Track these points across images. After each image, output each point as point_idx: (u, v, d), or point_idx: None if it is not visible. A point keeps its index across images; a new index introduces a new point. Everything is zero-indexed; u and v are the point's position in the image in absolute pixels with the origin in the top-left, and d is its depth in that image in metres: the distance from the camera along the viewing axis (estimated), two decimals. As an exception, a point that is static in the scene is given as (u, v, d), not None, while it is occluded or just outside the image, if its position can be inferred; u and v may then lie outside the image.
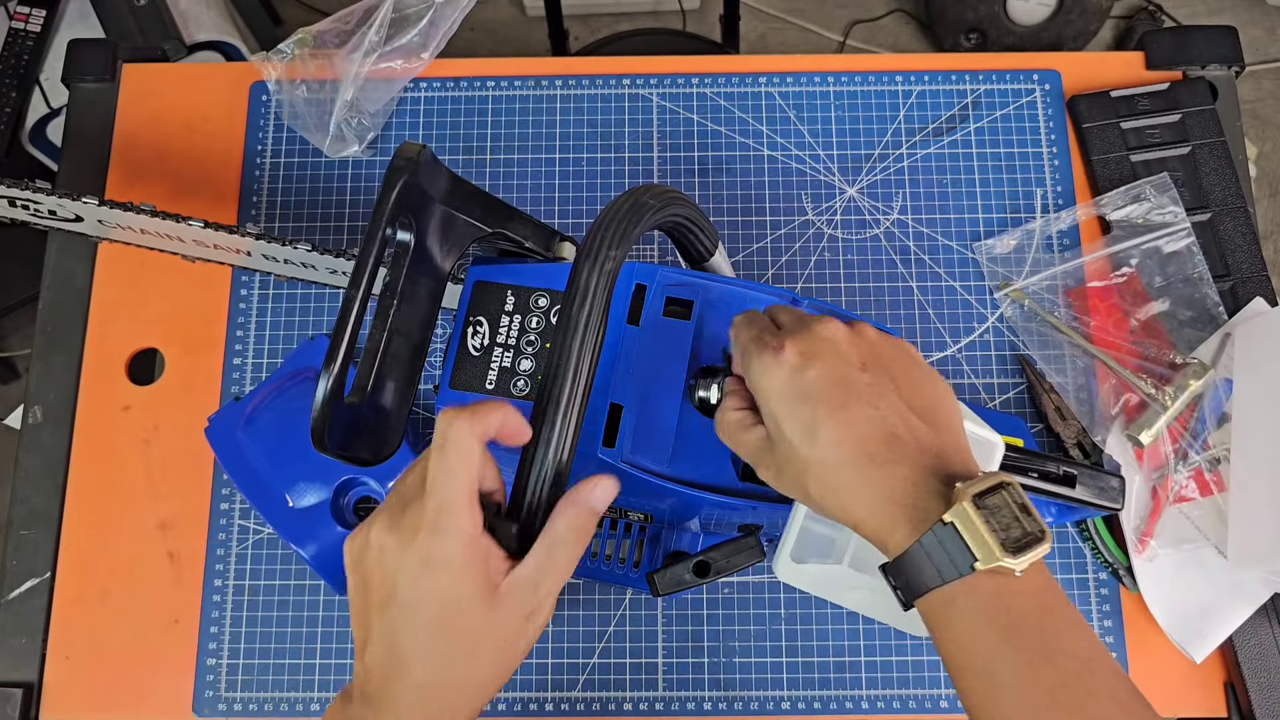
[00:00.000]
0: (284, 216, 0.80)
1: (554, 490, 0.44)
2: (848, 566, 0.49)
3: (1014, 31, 1.73)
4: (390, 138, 0.82)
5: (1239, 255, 0.77)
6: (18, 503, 0.74)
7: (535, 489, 0.43)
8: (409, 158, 0.47)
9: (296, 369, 0.72)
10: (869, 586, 0.49)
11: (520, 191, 0.80)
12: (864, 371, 0.44)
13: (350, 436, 0.46)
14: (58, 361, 0.77)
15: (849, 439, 0.42)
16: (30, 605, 0.71)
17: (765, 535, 0.61)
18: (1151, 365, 0.73)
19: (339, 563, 0.67)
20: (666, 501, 0.55)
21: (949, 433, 0.44)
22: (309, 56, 0.80)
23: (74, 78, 0.83)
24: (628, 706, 0.69)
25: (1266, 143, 1.79)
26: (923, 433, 0.42)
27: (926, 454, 0.42)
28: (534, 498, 0.43)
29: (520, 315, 0.54)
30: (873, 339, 0.46)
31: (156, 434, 0.75)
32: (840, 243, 0.79)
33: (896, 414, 0.42)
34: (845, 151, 0.81)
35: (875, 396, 0.43)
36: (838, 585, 0.50)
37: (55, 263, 0.79)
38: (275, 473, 0.67)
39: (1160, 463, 0.71)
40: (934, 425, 0.43)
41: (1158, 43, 0.82)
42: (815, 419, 0.42)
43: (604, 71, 0.83)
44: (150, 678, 0.70)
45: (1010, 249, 0.78)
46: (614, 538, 0.64)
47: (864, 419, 0.42)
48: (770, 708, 0.69)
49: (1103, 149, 0.79)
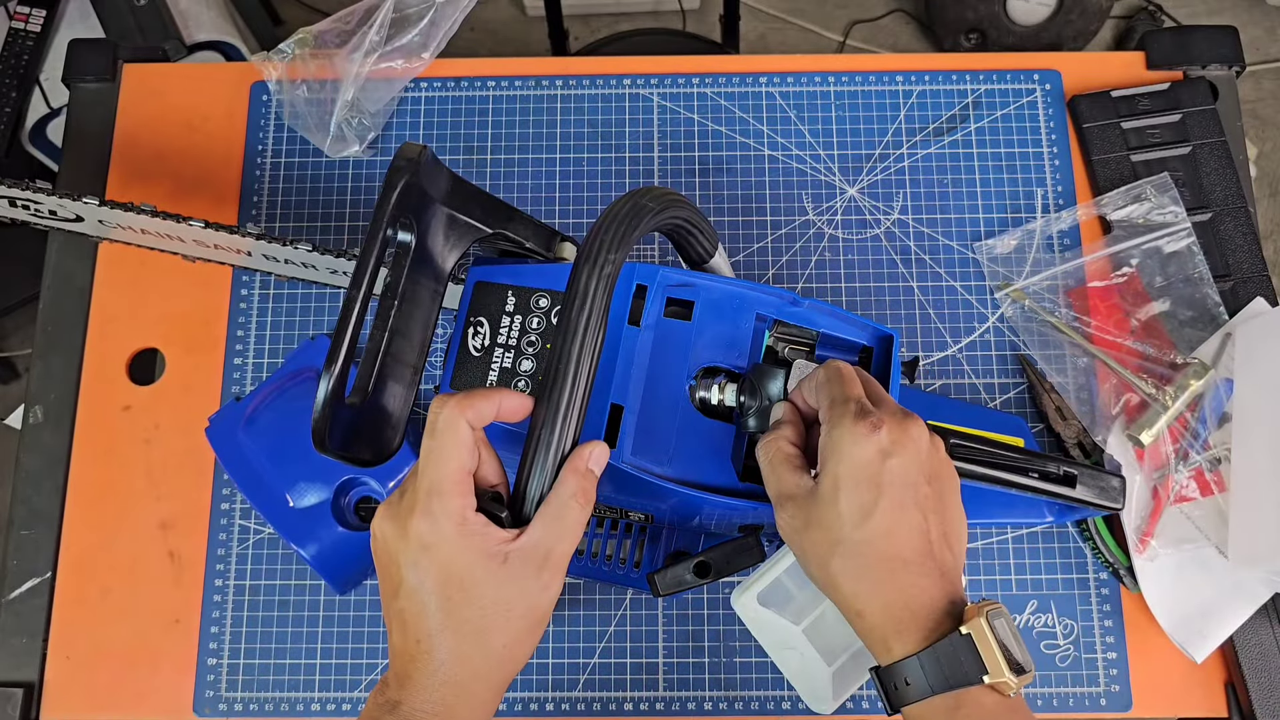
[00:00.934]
0: (284, 216, 0.80)
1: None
2: (801, 630, 0.52)
3: (1014, 31, 1.73)
4: (391, 138, 0.82)
5: (1239, 255, 0.77)
6: (18, 502, 0.74)
7: (538, 487, 0.44)
8: (410, 158, 0.47)
9: (297, 369, 0.72)
10: (804, 655, 0.53)
11: (520, 191, 0.80)
12: (928, 484, 0.46)
13: (351, 437, 0.46)
14: (58, 361, 0.77)
15: (895, 538, 0.45)
16: (31, 605, 0.71)
17: (765, 535, 0.61)
18: (1152, 365, 0.73)
19: (339, 563, 0.67)
20: (667, 502, 0.55)
21: (961, 560, 0.48)
22: (309, 56, 0.80)
23: (74, 78, 0.83)
24: (628, 707, 0.69)
25: (1267, 143, 1.79)
26: (948, 556, 0.46)
27: (946, 576, 0.45)
28: (537, 494, 0.44)
29: (521, 316, 0.54)
30: (942, 457, 0.49)
31: (157, 434, 0.75)
32: (841, 243, 0.79)
33: (937, 531, 0.46)
34: (846, 151, 0.81)
35: (928, 510, 0.46)
36: (779, 640, 0.54)
37: (56, 263, 0.79)
38: (276, 473, 0.67)
39: (1161, 462, 0.71)
40: (955, 552, 0.47)
41: (1158, 43, 0.82)
42: (875, 505, 0.45)
43: (604, 71, 0.83)
44: (151, 677, 0.70)
45: (1011, 249, 0.78)
46: (614, 538, 0.64)
47: (914, 527, 0.45)
48: (770, 708, 0.69)
49: (1103, 149, 0.79)
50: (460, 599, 0.42)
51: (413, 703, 0.43)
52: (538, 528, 0.44)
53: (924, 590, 0.44)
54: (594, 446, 0.45)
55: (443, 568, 0.42)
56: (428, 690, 0.43)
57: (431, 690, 0.43)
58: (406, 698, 0.43)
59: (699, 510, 0.56)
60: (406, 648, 0.43)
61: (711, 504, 0.53)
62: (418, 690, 0.43)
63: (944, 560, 0.46)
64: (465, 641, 0.43)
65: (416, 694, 0.43)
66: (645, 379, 0.52)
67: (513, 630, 0.43)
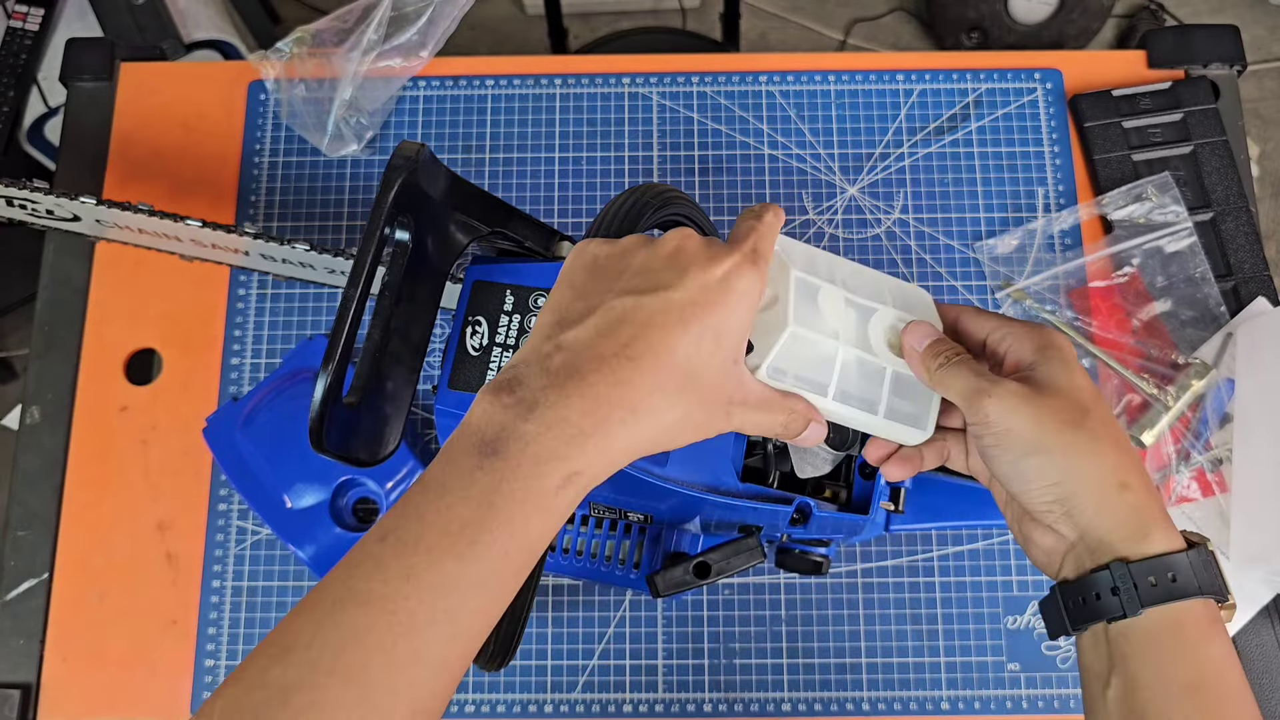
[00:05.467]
0: (282, 216, 0.80)
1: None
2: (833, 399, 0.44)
3: (1015, 30, 1.72)
4: (389, 136, 0.82)
5: (1241, 255, 0.76)
6: (15, 503, 0.73)
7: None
8: (408, 157, 0.47)
9: (295, 369, 0.72)
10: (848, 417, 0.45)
11: (520, 191, 0.80)
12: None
13: (348, 437, 0.46)
14: (55, 362, 0.76)
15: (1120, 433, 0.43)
16: (28, 606, 0.71)
17: (765, 536, 0.61)
18: (1154, 365, 0.73)
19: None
20: (667, 502, 0.55)
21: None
22: (307, 55, 0.80)
23: (72, 77, 0.83)
24: (628, 708, 0.69)
25: (1268, 142, 1.78)
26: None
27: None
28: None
29: (519, 315, 0.54)
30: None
31: (154, 434, 0.74)
32: (841, 242, 0.78)
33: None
34: (846, 150, 0.81)
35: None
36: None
37: (53, 262, 0.79)
38: (273, 473, 0.67)
39: (1162, 463, 0.71)
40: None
41: (1160, 41, 0.82)
42: (1098, 391, 0.43)
43: (604, 70, 0.83)
44: (148, 679, 0.70)
45: (1012, 249, 0.77)
46: (614, 538, 0.64)
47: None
48: (770, 709, 0.69)
49: (1104, 148, 0.79)
50: (710, 352, 0.38)
51: (570, 409, 0.36)
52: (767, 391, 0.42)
53: (1153, 492, 0.42)
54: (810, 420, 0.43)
55: (736, 317, 0.39)
56: (602, 406, 0.36)
57: (607, 408, 0.36)
58: (561, 401, 0.36)
59: (698, 510, 0.55)
60: (599, 347, 0.37)
61: (711, 504, 0.52)
62: (592, 400, 0.36)
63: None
64: (685, 390, 0.38)
65: (585, 402, 0.36)
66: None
67: (696, 417, 0.39)
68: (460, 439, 0.37)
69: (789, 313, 0.43)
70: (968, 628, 0.70)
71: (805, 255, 0.46)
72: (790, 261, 0.44)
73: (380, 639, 0.33)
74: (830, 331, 0.44)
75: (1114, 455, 0.41)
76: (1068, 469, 0.41)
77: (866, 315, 0.45)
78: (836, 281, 0.45)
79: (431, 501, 0.35)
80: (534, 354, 0.38)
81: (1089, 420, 0.41)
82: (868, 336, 0.45)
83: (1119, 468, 0.41)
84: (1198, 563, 0.40)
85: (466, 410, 0.46)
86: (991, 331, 0.46)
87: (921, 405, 0.46)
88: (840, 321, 0.44)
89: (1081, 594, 0.41)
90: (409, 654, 0.34)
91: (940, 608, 0.70)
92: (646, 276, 0.39)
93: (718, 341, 0.39)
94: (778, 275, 0.44)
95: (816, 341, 0.43)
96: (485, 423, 0.37)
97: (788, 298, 0.43)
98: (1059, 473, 0.41)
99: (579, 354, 0.37)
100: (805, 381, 0.43)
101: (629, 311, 0.38)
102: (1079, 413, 0.41)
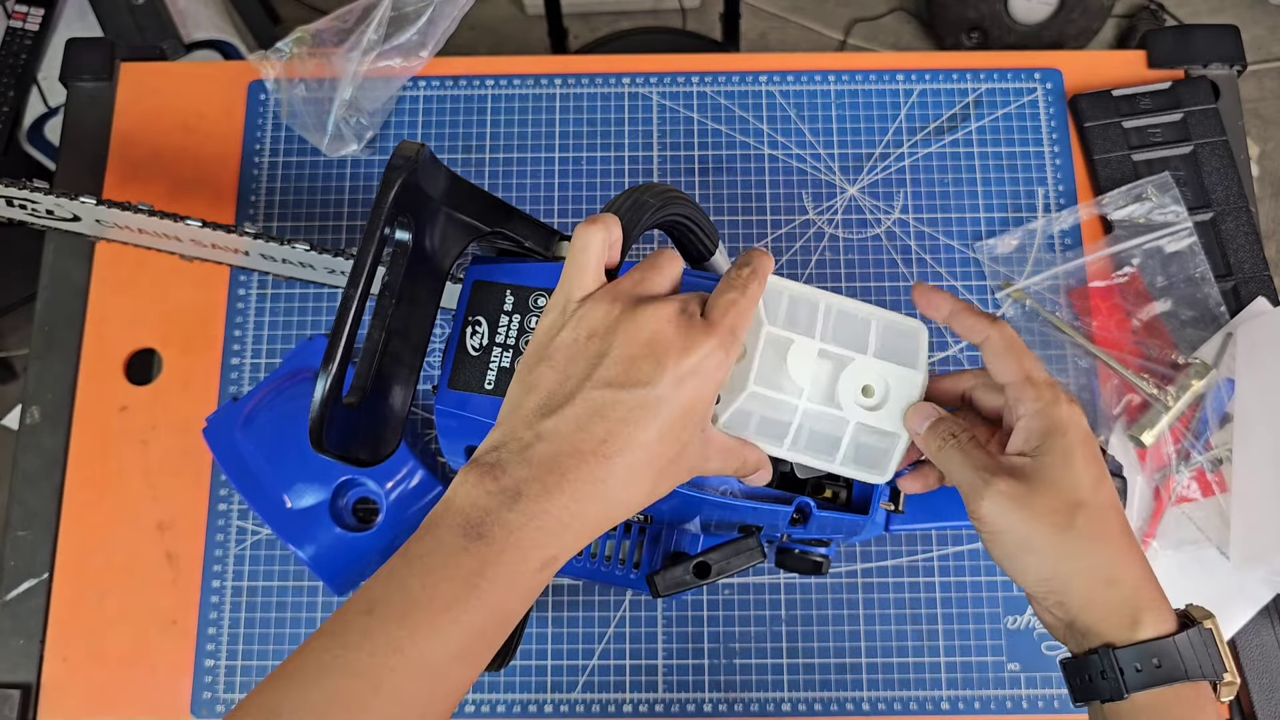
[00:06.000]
0: (282, 216, 0.80)
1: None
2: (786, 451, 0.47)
3: (1015, 30, 1.72)
4: (389, 136, 0.82)
5: (1241, 255, 0.76)
6: (15, 503, 0.73)
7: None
8: (408, 157, 0.47)
9: (295, 369, 0.72)
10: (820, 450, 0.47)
11: (520, 191, 0.80)
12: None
13: (348, 437, 0.46)
14: (55, 362, 0.76)
15: (1122, 513, 0.44)
16: (28, 606, 0.71)
17: (765, 536, 0.61)
18: (1154, 365, 0.73)
19: (337, 564, 0.67)
20: (667, 502, 0.55)
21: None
22: (307, 55, 0.80)
23: (72, 77, 0.83)
24: (628, 708, 0.69)
25: (1269, 142, 1.78)
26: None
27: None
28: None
29: (519, 315, 0.54)
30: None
31: (154, 434, 0.74)
32: (841, 242, 0.78)
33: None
34: (846, 150, 0.81)
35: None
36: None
37: (53, 262, 0.79)
38: (273, 473, 0.67)
39: (1162, 463, 0.71)
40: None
41: (1160, 41, 0.82)
42: (1104, 476, 0.44)
43: (604, 70, 0.83)
44: (148, 679, 0.70)
45: (1012, 249, 0.77)
46: (614, 538, 0.64)
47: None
48: (771, 709, 0.69)
49: (1104, 148, 0.79)
50: (678, 433, 0.40)
51: (552, 503, 0.38)
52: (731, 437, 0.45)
53: (1148, 568, 0.43)
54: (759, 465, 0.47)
55: (700, 398, 0.41)
56: (580, 501, 0.39)
57: (584, 502, 0.39)
58: (543, 495, 0.38)
59: (698, 510, 0.55)
60: (578, 442, 0.39)
61: (711, 504, 0.52)
62: (570, 497, 0.38)
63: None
64: (649, 466, 0.40)
65: (564, 498, 0.38)
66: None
67: (664, 485, 0.42)
68: (445, 516, 0.39)
69: (750, 375, 0.45)
70: (968, 628, 0.70)
71: (790, 302, 0.47)
72: (765, 318, 0.46)
73: (365, 704, 0.36)
74: (793, 390, 0.46)
75: (1104, 552, 0.43)
76: (1057, 568, 0.43)
77: (841, 365, 0.47)
78: (817, 328, 0.47)
79: (418, 577, 0.38)
80: (516, 440, 0.40)
81: (1079, 518, 0.42)
82: (835, 390, 0.47)
83: (1109, 564, 0.43)
84: (1187, 646, 0.41)
85: (467, 410, 0.46)
86: (1008, 388, 0.46)
87: (884, 452, 0.48)
88: (808, 376, 0.46)
89: (1077, 674, 0.44)
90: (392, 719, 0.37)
91: (940, 608, 0.70)
92: (624, 367, 0.40)
93: (686, 422, 0.41)
94: (752, 330, 0.46)
95: (778, 400, 0.46)
96: (470, 506, 0.39)
97: (754, 356, 0.45)
98: (1049, 570, 0.43)
99: (559, 446, 0.39)
100: (764, 434, 0.46)
101: (606, 407, 0.39)
102: (1070, 512, 0.43)
